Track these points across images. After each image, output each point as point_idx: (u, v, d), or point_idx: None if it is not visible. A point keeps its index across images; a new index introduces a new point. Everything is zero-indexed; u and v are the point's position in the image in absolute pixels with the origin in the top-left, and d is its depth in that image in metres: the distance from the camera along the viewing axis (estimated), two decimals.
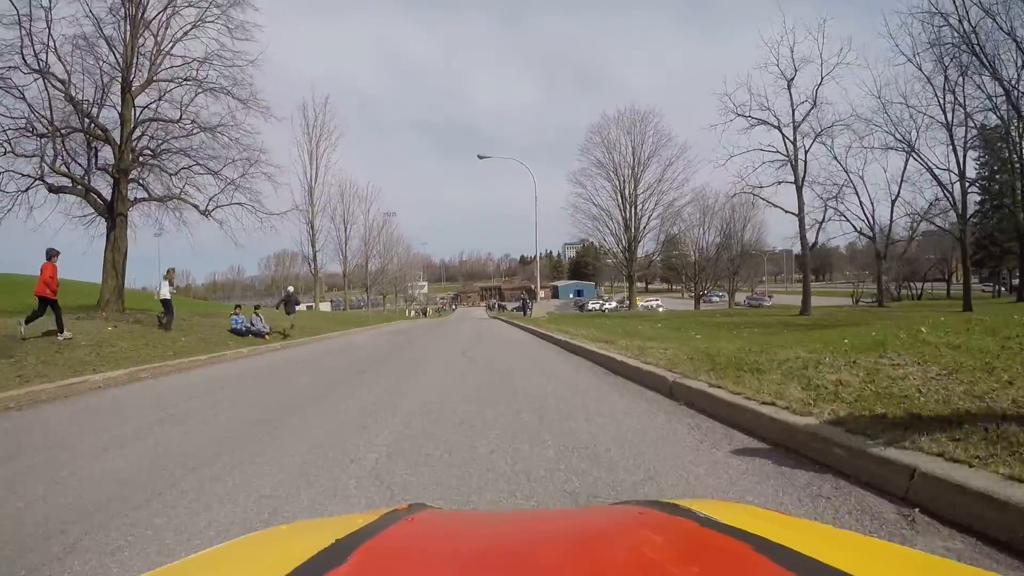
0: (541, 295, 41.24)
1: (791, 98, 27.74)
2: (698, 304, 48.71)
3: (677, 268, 55.73)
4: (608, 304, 58.88)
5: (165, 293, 11.73)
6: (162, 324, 11.58)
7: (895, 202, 29.07)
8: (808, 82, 29.99)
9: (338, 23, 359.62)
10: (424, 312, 58.84)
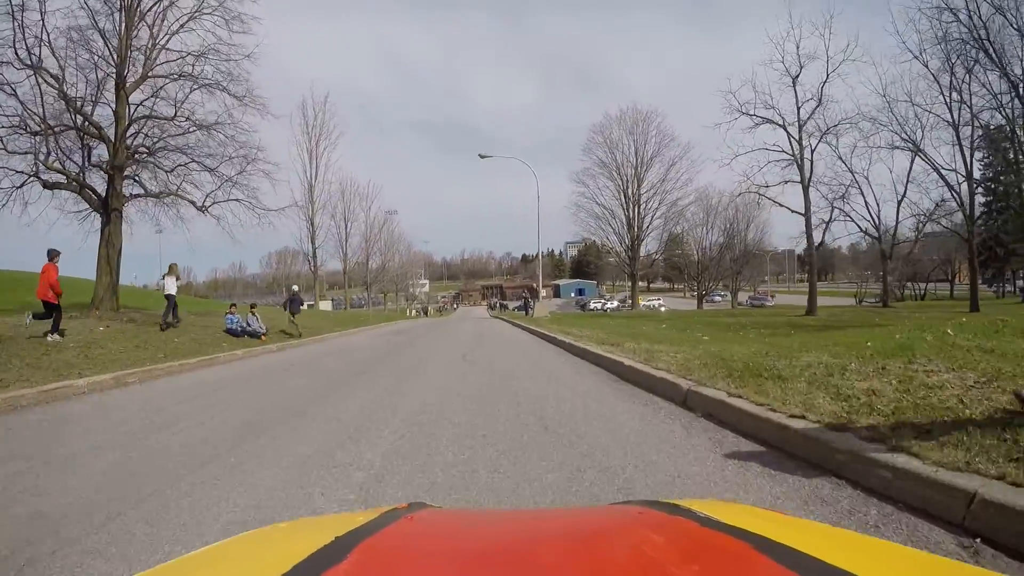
0: (543, 294, 40.94)
1: (796, 96, 27.29)
2: (701, 304, 48.42)
3: (680, 267, 55.41)
4: (610, 303, 58.60)
5: (171, 289, 11.66)
6: (169, 323, 11.45)
7: (901, 202, 28.81)
8: (813, 80, 29.73)
9: (338, 23, 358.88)
10: (425, 311, 58.64)
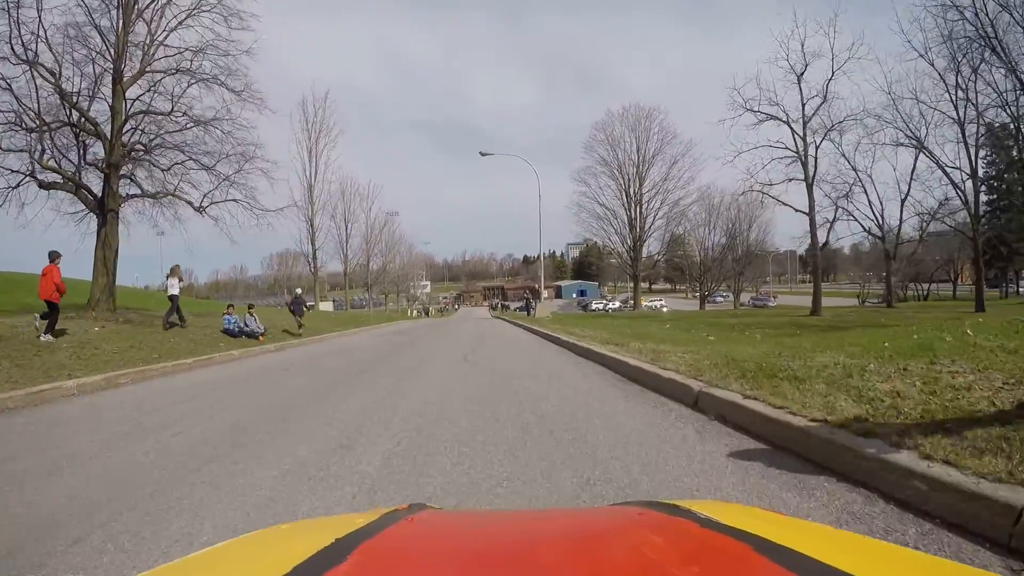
0: (545, 295, 40.74)
1: (801, 93, 27.15)
2: (703, 304, 48.15)
3: (682, 268, 55.13)
4: (612, 304, 58.28)
5: (174, 290, 11.76)
6: (172, 323, 11.41)
7: (905, 201, 28.58)
8: (818, 77, 29.58)
9: (338, 23, 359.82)
10: (426, 312, 58.51)
